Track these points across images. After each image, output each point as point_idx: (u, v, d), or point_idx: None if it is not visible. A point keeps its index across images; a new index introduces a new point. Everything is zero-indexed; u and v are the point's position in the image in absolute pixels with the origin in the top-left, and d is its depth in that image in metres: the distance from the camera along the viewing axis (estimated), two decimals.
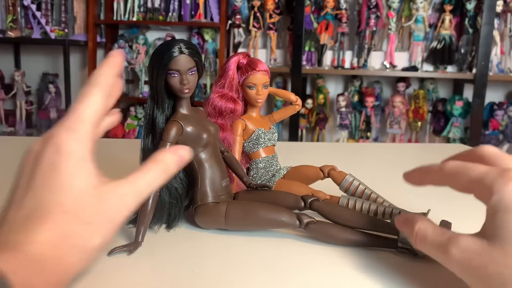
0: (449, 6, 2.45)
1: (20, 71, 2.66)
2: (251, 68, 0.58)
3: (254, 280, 0.40)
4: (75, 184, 0.33)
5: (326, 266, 0.44)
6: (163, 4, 2.58)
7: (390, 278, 0.42)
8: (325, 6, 2.47)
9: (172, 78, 0.48)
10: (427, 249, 0.37)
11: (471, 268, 0.32)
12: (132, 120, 2.63)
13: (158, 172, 0.37)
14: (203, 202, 0.51)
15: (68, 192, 0.33)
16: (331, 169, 0.61)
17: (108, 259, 0.43)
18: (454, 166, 0.38)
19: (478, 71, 2.38)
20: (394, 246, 0.47)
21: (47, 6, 2.53)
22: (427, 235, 0.37)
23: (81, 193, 0.33)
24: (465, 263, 0.33)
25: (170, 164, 0.37)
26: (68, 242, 0.32)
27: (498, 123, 2.55)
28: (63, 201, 0.32)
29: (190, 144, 0.50)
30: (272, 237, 0.50)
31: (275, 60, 2.57)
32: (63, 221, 0.32)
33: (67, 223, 0.32)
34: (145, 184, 0.36)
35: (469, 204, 0.67)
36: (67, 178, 0.33)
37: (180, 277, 0.41)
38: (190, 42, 0.50)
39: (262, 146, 0.60)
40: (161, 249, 0.46)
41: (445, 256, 0.35)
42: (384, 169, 0.90)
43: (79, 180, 0.33)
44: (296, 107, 0.65)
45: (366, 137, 2.63)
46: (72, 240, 0.32)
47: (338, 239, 0.48)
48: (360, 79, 2.69)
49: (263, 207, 0.49)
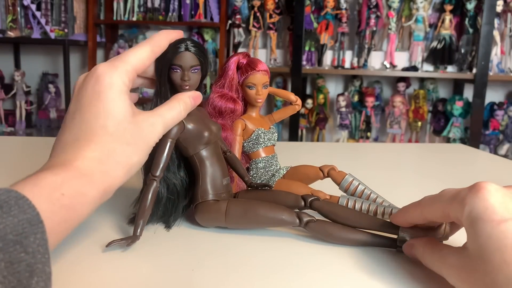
0: (449, 6, 2.45)
1: (20, 71, 2.66)
2: (251, 68, 0.58)
3: (254, 279, 0.40)
4: (116, 111, 0.38)
5: (326, 265, 0.44)
6: (163, 4, 2.58)
7: (390, 277, 0.42)
8: (325, 6, 2.47)
9: (174, 73, 0.49)
10: (429, 267, 0.40)
11: (460, 281, 0.34)
12: None
13: (180, 108, 0.44)
14: (203, 200, 0.51)
15: (110, 117, 0.38)
16: (330, 169, 0.61)
17: (107, 258, 0.43)
18: (429, 197, 0.40)
19: (478, 71, 2.38)
20: (394, 245, 0.47)
21: (47, 6, 2.53)
22: (424, 258, 0.40)
23: (121, 119, 0.38)
24: (454, 277, 0.34)
25: (188, 103, 0.45)
26: (112, 158, 0.37)
27: (498, 123, 2.55)
28: (106, 124, 0.37)
29: (191, 142, 0.50)
30: (272, 236, 0.50)
31: (275, 60, 2.57)
32: (107, 141, 0.37)
33: (111, 143, 0.37)
34: (170, 117, 0.43)
35: None
36: (109, 105, 0.38)
37: (179, 276, 0.41)
38: (199, 43, 0.50)
39: (262, 146, 0.60)
40: (161, 248, 0.46)
41: (441, 272, 0.37)
42: (384, 169, 0.90)
43: (119, 108, 0.38)
44: (296, 107, 0.65)
45: (366, 137, 2.63)
46: (116, 157, 0.37)
47: (338, 238, 0.48)
48: (360, 79, 2.69)
49: (264, 205, 0.49)
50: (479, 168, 0.98)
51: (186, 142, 0.50)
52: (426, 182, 0.78)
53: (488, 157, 1.11)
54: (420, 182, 0.79)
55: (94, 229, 0.51)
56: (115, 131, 0.38)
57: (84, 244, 0.47)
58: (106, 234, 0.49)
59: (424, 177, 0.83)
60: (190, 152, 0.51)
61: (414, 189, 0.75)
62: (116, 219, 0.54)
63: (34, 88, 2.80)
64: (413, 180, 0.81)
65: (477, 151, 1.16)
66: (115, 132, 0.37)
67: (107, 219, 0.54)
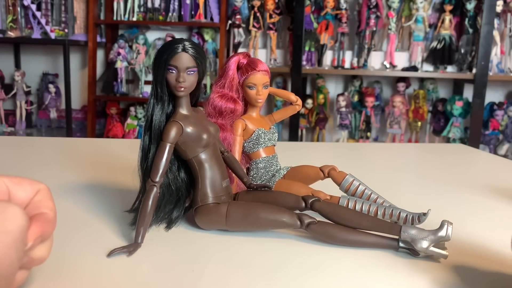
0: (449, 6, 2.45)
1: (20, 71, 2.66)
2: (251, 68, 0.58)
3: (254, 280, 0.40)
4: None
5: (327, 266, 0.44)
6: (163, 4, 2.58)
7: (391, 278, 0.42)
8: (325, 6, 2.47)
9: (170, 74, 0.48)
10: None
11: None
12: (132, 120, 2.63)
13: None
14: (203, 203, 0.51)
15: None
16: (331, 169, 0.60)
17: (108, 259, 0.43)
18: None
19: (478, 71, 2.38)
20: (395, 246, 0.47)
21: (47, 6, 2.53)
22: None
23: None
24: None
25: None
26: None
27: (498, 123, 2.54)
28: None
29: (190, 145, 0.50)
30: (273, 237, 0.50)
31: (275, 60, 2.57)
32: None
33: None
34: None
35: (468, 204, 0.67)
36: None
37: (180, 278, 0.41)
38: (197, 44, 0.50)
39: (262, 146, 0.60)
40: (161, 250, 0.46)
41: None
42: (384, 169, 0.90)
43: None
44: (296, 107, 0.65)
45: (366, 137, 2.63)
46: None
47: (339, 240, 0.47)
48: (360, 79, 2.69)
49: (264, 207, 0.49)
50: (479, 168, 0.98)
51: (185, 145, 0.50)
52: (426, 182, 0.78)
53: (488, 157, 1.11)
54: (420, 182, 0.79)
55: (94, 229, 0.51)
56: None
57: (85, 244, 0.47)
58: (107, 234, 0.49)
59: (424, 177, 0.83)
60: (189, 155, 0.51)
61: (414, 189, 0.75)
62: (116, 220, 0.54)
63: (34, 88, 2.80)
64: (413, 180, 0.81)
65: (477, 151, 1.16)
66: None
67: (108, 219, 0.54)
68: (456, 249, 0.49)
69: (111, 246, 0.45)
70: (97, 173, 0.76)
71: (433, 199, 0.68)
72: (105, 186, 0.69)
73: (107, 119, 2.67)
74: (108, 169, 0.79)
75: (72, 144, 1.05)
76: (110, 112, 2.63)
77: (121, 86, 2.59)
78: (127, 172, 0.61)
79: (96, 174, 0.76)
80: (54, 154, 0.91)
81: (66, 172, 0.76)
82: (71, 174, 0.75)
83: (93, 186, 0.69)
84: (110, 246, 0.45)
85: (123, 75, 2.58)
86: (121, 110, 2.69)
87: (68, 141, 1.11)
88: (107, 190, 0.67)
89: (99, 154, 0.94)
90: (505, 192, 0.72)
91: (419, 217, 0.53)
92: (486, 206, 0.66)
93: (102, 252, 0.44)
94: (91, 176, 0.74)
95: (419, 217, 0.53)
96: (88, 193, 0.64)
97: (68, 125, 2.52)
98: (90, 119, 2.61)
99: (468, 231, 0.55)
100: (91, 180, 0.72)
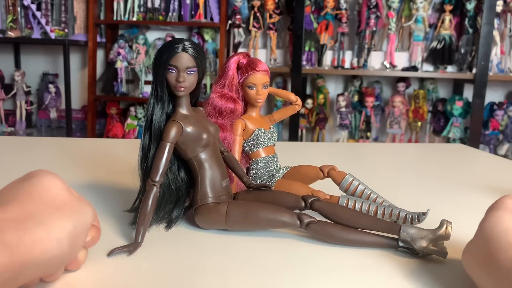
0: (449, 6, 2.45)
1: (20, 71, 2.66)
2: (251, 68, 0.58)
3: (254, 279, 0.40)
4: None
5: (326, 266, 0.44)
6: (163, 4, 2.58)
7: (390, 278, 0.42)
8: (325, 6, 2.47)
9: (170, 74, 0.48)
10: None
11: None
12: (132, 120, 2.63)
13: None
14: (203, 203, 0.51)
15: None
16: (331, 169, 0.61)
17: (108, 259, 0.44)
18: None
19: (478, 71, 2.38)
20: (394, 246, 0.47)
21: (47, 6, 2.53)
22: None
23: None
24: None
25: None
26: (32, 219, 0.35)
27: (498, 123, 2.54)
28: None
29: (190, 144, 0.50)
30: (273, 237, 0.50)
31: (275, 60, 2.57)
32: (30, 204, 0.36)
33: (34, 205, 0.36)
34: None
35: (468, 204, 0.67)
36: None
37: (180, 277, 0.41)
38: (197, 44, 0.50)
39: (262, 146, 0.60)
40: (161, 249, 0.46)
41: None
42: (384, 169, 0.90)
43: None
44: (296, 107, 0.65)
45: (366, 137, 2.63)
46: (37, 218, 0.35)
47: (339, 239, 0.48)
48: (360, 79, 2.69)
49: (264, 207, 0.49)
50: (479, 168, 0.98)
51: (185, 145, 0.50)
52: (425, 182, 0.79)
53: (487, 157, 1.11)
54: (420, 182, 0.79)
55: None
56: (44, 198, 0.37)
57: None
58: (107, 234, 0.49)
59: (424, 177, 0.83)
60: (189, 155, 0.51)
61: (414, 189, 0.75)
62: (116, 220, 0.54)
63: (34, 88, 2.80)
64: (413, 180, 0.81)
65: (476, 151, 1.16)
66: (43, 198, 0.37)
67: (108, 218, 0.54)
68: (455, 248, 0.49)
69: (111, 246, 0.45)
70: (97, 173, 0.76)
71: (433, 198, 0.68)
72: (105, 186, 0.69)
73: (107, 119, 2.67)
74: (108, 169, 0.80)
75: (72, 144, 1.05)
76: (110, 112, 2.63)
77: (121, 86, 2.59)
78: (127, 172, 0.61)
79: (96, 174, 0.76)
80: (54, 154, 0.91)
81: (66, 172, 0.76)
82: (71, 174, 0.75)
83: (93, 186, 0.69)
84: (110, 246, 0.45)
85: (123, 75, 2.59)
86: (121, 110, 2.69)
87: (68, 141, 1.11)
88: (107, 190, 0.67)
89: (99, 154, 0.94)
90: (505, 192, 0.72)
91: (418, 216, 0.53)
92: (486, 206, 0.66)
93: (102, 251, 0.44)
94: (91, 176, 0.74)
95: (419, 216, 0.53)
96: (88, 193, 0.64)
97: (68, 125, 2.52)
98: (90, 119, 2.61)
99: (468, 230, 0.55)
100: (91, 180, 0.72)
